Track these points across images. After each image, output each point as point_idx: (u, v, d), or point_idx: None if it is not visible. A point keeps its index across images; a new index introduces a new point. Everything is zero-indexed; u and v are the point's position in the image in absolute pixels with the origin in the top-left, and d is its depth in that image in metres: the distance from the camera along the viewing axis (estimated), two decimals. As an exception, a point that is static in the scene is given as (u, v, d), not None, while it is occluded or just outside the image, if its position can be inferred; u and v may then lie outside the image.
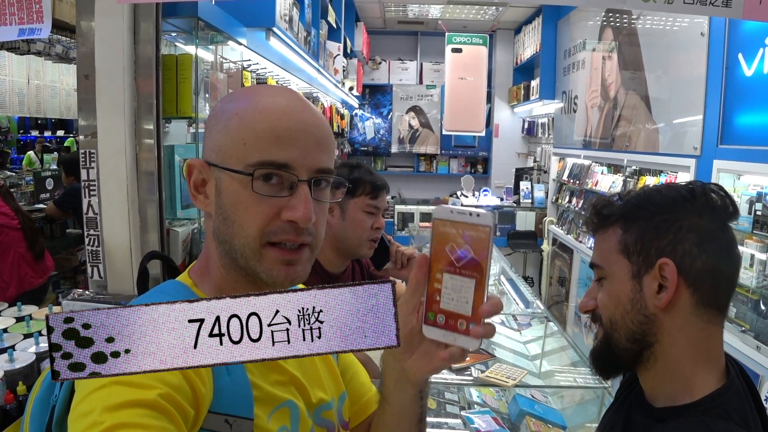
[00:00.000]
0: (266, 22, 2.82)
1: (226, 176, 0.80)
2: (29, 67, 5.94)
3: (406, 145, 8.90)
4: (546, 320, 2.88)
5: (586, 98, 5.59)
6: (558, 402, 2.29)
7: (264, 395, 0.82)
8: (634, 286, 0.96)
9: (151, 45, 1.88)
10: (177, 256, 2.03)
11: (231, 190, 0.80)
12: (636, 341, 0.97)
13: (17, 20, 1.75)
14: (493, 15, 7.61)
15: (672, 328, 0.94)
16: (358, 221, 1.79)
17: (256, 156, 0.78)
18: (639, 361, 0.98)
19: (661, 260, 0.93)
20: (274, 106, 0.81)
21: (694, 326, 0.94)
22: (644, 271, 0.95)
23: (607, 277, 1.00)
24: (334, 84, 5.60)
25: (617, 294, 0.98)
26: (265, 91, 0.85)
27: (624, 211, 0.99)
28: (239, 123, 0.80)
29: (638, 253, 0.96)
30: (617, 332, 0.98)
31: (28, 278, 3.75)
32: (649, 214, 0.96)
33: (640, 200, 0.99)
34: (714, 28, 3.24)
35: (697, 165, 3.39)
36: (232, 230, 0.80)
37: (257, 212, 0.79)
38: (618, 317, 0.98)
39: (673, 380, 0.96)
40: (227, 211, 0.80)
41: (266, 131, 0.78)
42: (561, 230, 6.00)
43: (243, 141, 0.79)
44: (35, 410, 0.86)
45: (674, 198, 0.96)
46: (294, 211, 0.78)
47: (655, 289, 0.94)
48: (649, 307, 0.95)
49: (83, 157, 1.89)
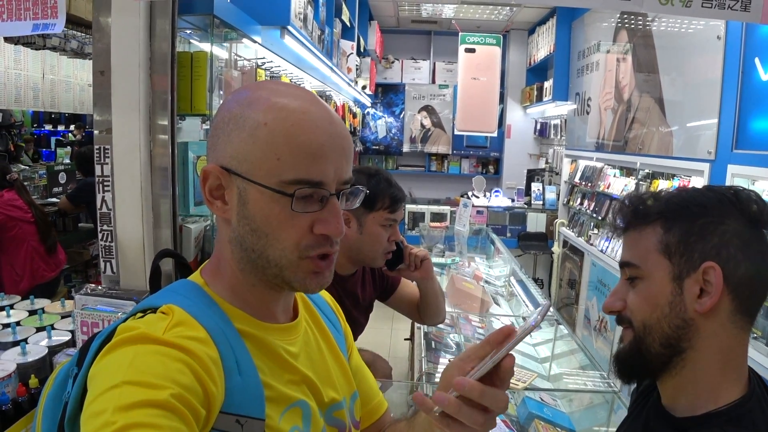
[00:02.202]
0: (281, 20, 2.82)
1: (255, 189, 0.79)
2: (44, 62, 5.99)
3: (418, 144, 8.89)
4: (556, 323, 2.87)
5: (599, 100, 5.55)
6: (567, 405, 2.28)
7: (276, 395, 0.82)
8: (674, 289, 0.93)
9: (167, 42, 1.88)
10: (189, 253, 2.04)
11: (262, 203, 0.80)
12: (670, 346, 0.94)
13: (32, 15, 1.76)
14: (507, 15, 7.58)
15: (707, 335, 0.92)
16: (375, 235, 1.78)
17: (291, 173, 0.78)
18: (667, 367, 0.95)
19: (707, 264, 0.90)
20: (305, 118, 0.80)
21: (728, 333, 0.92)
22: (686, 274, 0.92)
23: (642, 277, 0.96)
24: (347, 83, 5.60)
25: (655, 296, 0.94)
26: (288, 97, 0.82)
27: (665, 209, 0.95)
28: (269, 135, 0.78)
29: (681, 255, 0.92)
30: (651, 336, 0.95)
31: (40, 272, 3.78)
32: (693, 214, 0.93)
33: (682, 199, 0.95)
34: (730, 32, 3.21)
35: (711, 169, 3.36)
36: (265, 242, 0.81)
37: (293, 227, 0.80)
38: (654, 320, 0.94)
39: (697, 388, 0.94)
40: (257, 223, 0.80)
41: (301, 147, 0.78)
42: (572, 232, 5.97)
43: (276, 156, 0.78)
44: (47, 407, 0.87)
45: (719, 200, 0.93)
46: (327, 226, 0.80)
47: (696, 293, 0.91)
48: (688, 311, 0.92)
49: (98, 153, 1.90)
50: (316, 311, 1.03)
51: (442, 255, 4.67)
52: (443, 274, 3.98)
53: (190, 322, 0.77)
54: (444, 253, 4.74)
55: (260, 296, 0.86)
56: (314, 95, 0.86)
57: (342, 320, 1.11)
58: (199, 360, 0.72)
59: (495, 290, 3.87)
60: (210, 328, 0.78)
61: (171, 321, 0.76)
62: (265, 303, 0.87)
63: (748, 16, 1.59)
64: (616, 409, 2.01)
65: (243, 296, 0.86)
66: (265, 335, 0.85)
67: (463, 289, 3.31)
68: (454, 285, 3.37)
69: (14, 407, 1.49)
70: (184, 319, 0.77)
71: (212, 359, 0.74)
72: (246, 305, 0.85)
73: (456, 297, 3.26)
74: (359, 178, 1.78)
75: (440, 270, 4.09)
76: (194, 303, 0.81)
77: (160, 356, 0.70)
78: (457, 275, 3.63)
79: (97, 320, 1.67)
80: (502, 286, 4.05)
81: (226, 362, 0.77)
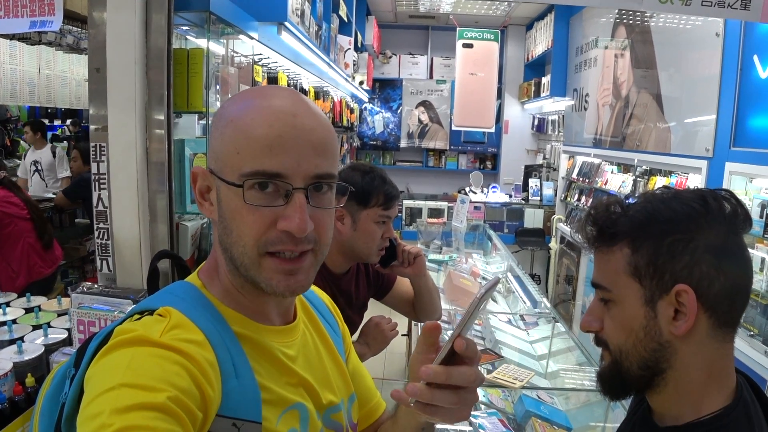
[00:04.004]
0: (278, 16, 2.81)
1: (224, 186, 0.79)
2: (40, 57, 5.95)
3: (416, 139, 8.88)
4: (554, 320, 2.87)
5: (597, 96, 5.55)
6: (564, 403, 2.29)
7: (273, 398, 0.82)
8: (648, 313, 0.89)
9: (163, 38, 1.87)
10: (186, 251, 2.03)
11: (228, 199, 0.79)
12: (648, 368, 0.91)
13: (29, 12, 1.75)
14: (505, 11, 7.57)
15: (686, 354, 0.89)
16: (369, 232, 1.78)
17: (248, 166, 0.77)
18: (650, 386, 0.93)
19: (679, 286, 0.86)
20: (266, 111, 0.79)
21: (708, 348, 0.89)
22: (658, 296, 0.88)
23: (614, 301, 0.93)
24: (345, 78, 5.58)
25: (628, 321, 0.91)
26: (261, 95, 0.82)
27: (631, 228, 0.91)
28: (233, 130, 0.78)
29: (651, 277, 0.89)
30: (628, 360, 0.92)
31: (37, 268, 3.77)
32: (661, 232, 0.88)
33: (648, 215, 0.90)
34: (729, 29, 3.21)
35: (709, 167, 3.37)
36: (231, 240, 0.80)
37: (252, 222, 0.78)
38: (629, 346, 0.91)
39: (681, 401, 0.92)
40: (226, 220, 0.80)
41: (257, 139, 0.77)
42: (569, 228, 5.98)
43: (236, 150, 0.78)
44: (45, 407, 0.87)
45: (687, 213, 0.88)
46: (289, 221, 0.77)
47: (671, 315, 0.88)
48: (664, 334, 0.89)
49: (94, 151, 1.89)
50: (314, 313, 1.02)
51: (440, 251, 4.67)
52: (440, 270, 3.98)
53: (188, 325, 0.77)
54: (441, 249, 4.74)
55: (252, 298, 0.86)
56: (297, 96, 0.84)
57: (340, 322, 1.11)
58: (196, 363, 0.72)
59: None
60: (207, 330, 0.78)
61: (168, 323, 0.76)
62: (257, 305, 0.87)
63: (748, 14, 1.59)
64: (613, 407, 2.02)
65: (237, 298, 0.85)
66: (262, 338, 0.85)
67: (460, 286, 3.31)
68: (452, 281, 3.37)
69: (11, 406, 1.48)
70: (181, 321, 0.77)
71: (209, 362, 0.74)
72: (241, 307, 0.85)
73: (453, 293, 3.26)
74: (353, 176, 1.77)
75: (437, 266, 4.09)
76: (191, 305, 0.81)
77: (157, 359, 0.70)
78: (454, 271, 3.63)
79: (93, 319, 1.66)
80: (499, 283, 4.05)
81: (223, 365, 0.77)
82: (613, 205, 0.95)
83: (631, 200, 0.97)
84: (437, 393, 0.74)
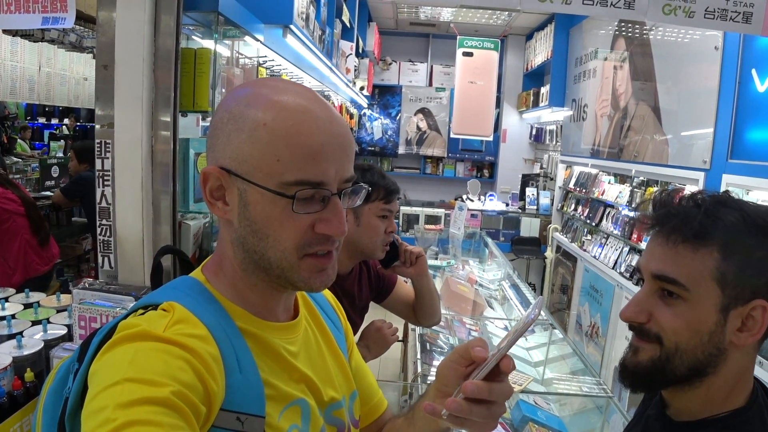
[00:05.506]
0: (284, 19, 2.82)
1: (255, 190, 0.79)
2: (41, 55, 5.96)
3: (414, 146, 8.90)
4: (551, 327, 2.88)
5: (595, 107, 5.59)
6: (560, 409, 2.30)
7: (276, 393, 0.83)
8: (719, 320, 0.89)
9: (171, 38, 1.88)
10: (188, 250, 2.03)
11: (263, 205, 0.79)
12: (695, 370, 0.91)
13: (40, 8, 1.75)
14: (505, 20, 7.61)
15: (732, 360, 0.91)
16: (372, 226, 1.80)
17: (291, 175, 0.77)
18: (684, 384, 0.94)
19: (757, 302, 0.88)
20: (306, 117, 0.79)
21: (750, 357, 0.93)
22: (733, 306, 0.89)
23: (686, 299, 0.91)
24: (346, 83, 5.60)
25: (697, 323, 0.90)
26: (288, 95, 0.81)
27: (725, 234, 0.89)
28: (269, 135, 0.77)
29: (734, 287, 0.88)
30: (680, 359, 0.92)
31: (33, 265, 3.76)
32: (755, 244, 0.88)
33: (744, 224, 0.89)
34: (728, 43, 3.24)
35: (706, 178, 3.39)
36: (266, 243, 0.80)
37: (293, 228, 0.79)
38: (690, 346, 0.91)
39: (708, 401, 0.94)
40: (258, 225, 0.80)
41: (301, 148, 0.77)
42: (565, 238, 6.00)
43: (276, 157, 0.77)
44: (48, 402, 0.87)
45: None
46: (329, 226, 0.80)
47: (738, 326, 0.89)
48: (725, 341, 0.90)
49: (98, 147, 1.89)
50: (317, 310, 1.03)
51: (437, 258, 4.68)
52: (437, 277, 3.98)
53: (191, 320, 0.77)
54: (438, 256, 4.75)
55: (262, 295, 0.86)
56: (314, 93, 0.85)
57: (343, 319, 1.12)
58: (199, 357, 0.72)
59: (488, 293, 3.89)
60: (211, 325, 0.78)
61: (172, 318, 0.76)
62: (266, 302, 0.87)
63: (750, 28, 1.61)
64: (610, 413, 2.03)
65: (244, 295, 0.86)
66: (266, 334, 0.85)
67: (457, 292, 3.32)
68: (449, 287, 3.38)
69: (10, 400, 1.48)
70: (185, 316, 0.77)
71: (213, 357, 0.75)
72: (247, 303, 0.86)
73: (450, 299, 3.27)
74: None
75: (434, 272, 4.09)
76: (195, 300, 0.82)
77: (161, 353, 0.70)
78: (451, 277, 3.64)
79: (95, 315, 1.66)
80: (495, 290, 4.07)
81: (227, 360, 0.77)
82: (699, 200, 0.93)
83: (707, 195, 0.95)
84: (475, 408, 0.76)
